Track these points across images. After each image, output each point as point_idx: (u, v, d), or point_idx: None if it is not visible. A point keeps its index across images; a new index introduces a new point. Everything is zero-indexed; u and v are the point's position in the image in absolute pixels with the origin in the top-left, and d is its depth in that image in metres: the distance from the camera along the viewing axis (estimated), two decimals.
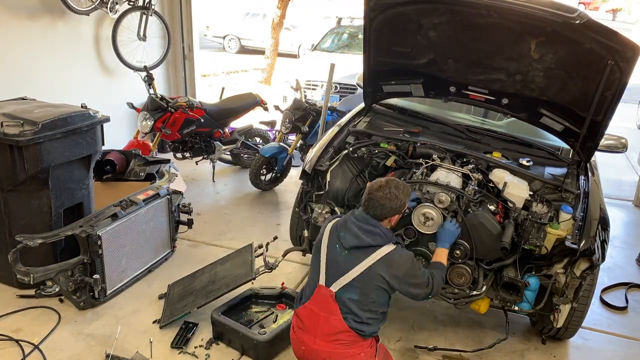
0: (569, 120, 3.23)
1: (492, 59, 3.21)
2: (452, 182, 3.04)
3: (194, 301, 3.27)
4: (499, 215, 3.04)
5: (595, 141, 3.17)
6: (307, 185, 3.42)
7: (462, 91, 3.51)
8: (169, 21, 6.23)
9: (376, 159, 3.43)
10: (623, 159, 7.35)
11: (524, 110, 3.42)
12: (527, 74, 3.16)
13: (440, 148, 3.37)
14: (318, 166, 3.32)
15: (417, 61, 3.48)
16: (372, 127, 3.74)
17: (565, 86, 3.11)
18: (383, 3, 3.20)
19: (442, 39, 3.27)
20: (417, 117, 3.93)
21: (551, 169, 3.36)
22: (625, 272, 4.26)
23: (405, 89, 3.71)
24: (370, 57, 3.57)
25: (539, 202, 3.03)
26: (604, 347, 3.34)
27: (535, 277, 2.95)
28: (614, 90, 2.87)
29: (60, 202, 3.48)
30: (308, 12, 17.57)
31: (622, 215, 5.54)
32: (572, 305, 2.96)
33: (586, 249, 2.79)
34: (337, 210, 3.24)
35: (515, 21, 2.91)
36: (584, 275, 2.87)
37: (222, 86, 6.29)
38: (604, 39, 2.72)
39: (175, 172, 4.35)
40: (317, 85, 7.79)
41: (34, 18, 4.78)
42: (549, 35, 2.89)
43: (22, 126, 3.16)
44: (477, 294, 3.02)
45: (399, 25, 3.31)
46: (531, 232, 2.89)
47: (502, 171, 3.18)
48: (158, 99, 5.09)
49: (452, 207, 2.98)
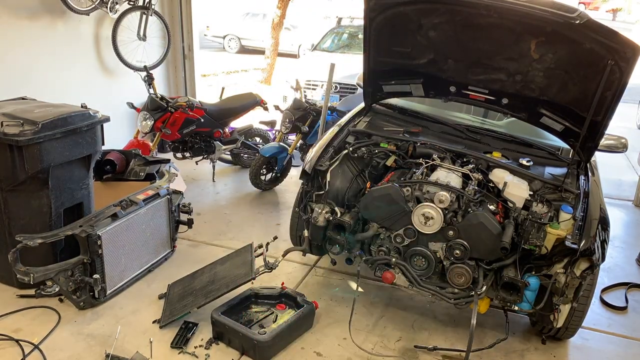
0: (569, 120, 3.23)
1: (492, 59, 3.21)
2: (452, 182, 3.04)
3: (194, 301, 3.27)
4: (499, 215, 3.04)
5: (595, 141, 3.16)
6: (307, 185, 3.42)
7: (462, 91, 3.51)
8: (169, 21, 6.23)
9: (376, 159, 3.44)
10: (623, 158, 7.36)
11: (524, 110, 3.42)
12: (527, 74, 3.16)
13: (440, 148, 3.37)
14: (318, 166, 3.32)
15: (417, 61, 3.48)
16: (372, 127, 3.74)
17: (565, 86, 3.11)
18: (383, 3, 3.20)
19: (442, 39, 3.28)
20: (417, 117, 3.93)
21: (551, 169, 3.36)
22: (625, 272, 4.26)
23: (405, 88, 3.71)
24: (370, 57, 3.57)
25: (539, 202, 3.03)
26: (604, 347, 3.34)
27: (535, 277, 2.95)
28: (614, 90, 2.87)
29: (60, 202, 3.48)
30: (308, 12, 17.58)
31: (622, 215, 5.54)
32: (572, 305, 2.96)
33: (586, 249, 2.78)
34: (337, 210, 3.24)
35: (515, 21, 2.91)
36: (584, 275, 2.87)
37: (222, 86, 6.29)
38: (604, 39, 2.72)
39: (175, 172, 4.35)
40: (317, 85, 7.79)
41: (34, 18, 4.78)
42: (549, 35, 2.89)
43: (22, 126, 3.16)
44: (478, 294, 3.02)
45: (399, 25, 3.31)
46: (531, 232, 2.89)
47: (502, 171, 3.18)
48: (158, 99, 5.09)
49: (452, 206, 2.98)
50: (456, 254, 2.97)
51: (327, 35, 9.43)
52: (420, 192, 3.05)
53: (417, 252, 3.08)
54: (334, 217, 3.21)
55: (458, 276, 3.00)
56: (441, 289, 3.09)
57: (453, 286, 3.03)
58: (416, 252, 3.08)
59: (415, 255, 3.10)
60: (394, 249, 3.14)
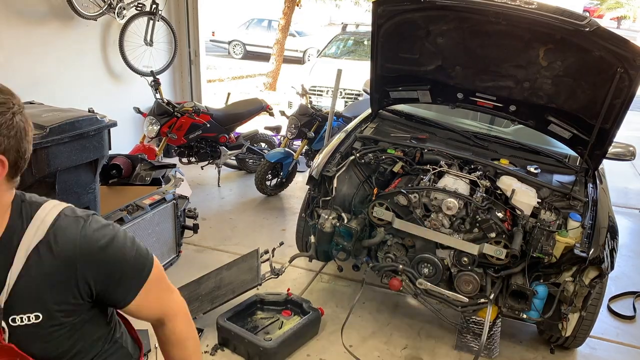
0: (577, 127, 3.22)
1: (500, 66, 3.20)
2: (460, 188, 3.02)
3: (200, 307, 3.26)
4: (507, 222, 3.02)
5: (603, 149, 3.15)
6: (313, 191, 3.41)
7: (469, 98, 3.51)
8: (175, 26, 6.26)
9: (383, 165, 3.42)
10: (630, 167, 7.32)
11: (531, 117, 3.41)
12: (535, 81, 3.15)
13: (448, 154, 3.36)
14: (325, 171, 3.31)
15: (425, 68, 3.48)
16: (379, 133, 3.73)
17: (573, 94, 3.09)
18: (391, 9, 3.19)
19: (450, 45, 3.27)
20: (424, 123, 3.93)
21: (559, 176, 3.35)
22: (633, 281, 4.23)
23: (413, 95, 3.70)
24: (378, 64, 3.57)
25: (547, 210, 3.01)
26: (612, 356, 3.31)
27: (544, 285, 2.92)
28: (623, 98, 2.86)
29: None
30: (313, 18, 17.64)
31: (629, 224, 5.51)
32: (581, 314, 2.93)
33: (595, 257, 2.76)
34: (344, 216, 3.23)
35: (524, 28, 2.90)
36: (593, 284, 2.84)
37: (228, 91, 6.30)
38: (613, 47, 2.71)
39: (181, 176, 4.35)
40: (322, 91, 7.80)
41: (42, 23, 4.81)
42: (558, 42, 2.88)
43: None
44: (485, 302, 3.00)
45: (406, 31, 3.31)
46: (540, 240, 2.86)
47: (509, 178, 3.16)
48: (164, 104, 5.10)
49: (460, 213, 2.96)
50: (464, 261, 2.95)
51: (332, 42, 9.45)
52: (427, 199, 3.03)
53: (424, 259, 3.06)
54: (340, 223, 3.19)
55: (466, 284, 2.98)
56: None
57: (461, 294, 3.01)
58: (423, 259, 3.06)
59: (422, 262, 3.08)
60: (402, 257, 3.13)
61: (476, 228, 2.98)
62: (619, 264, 4.46)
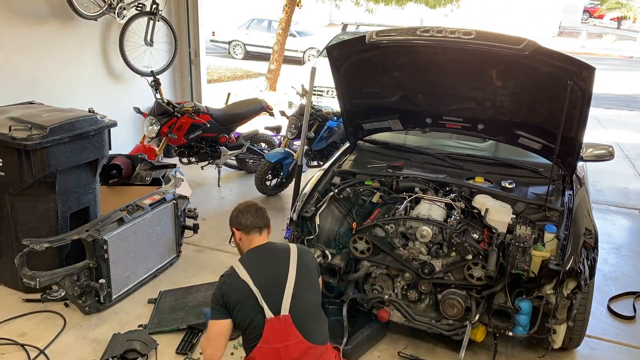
0: (545, 138, 3.30)
1: (459, 89, 3.30)
2: (434, 214, 3.04)
3: (184, 318, 3.28)
4: (484, 242, 3.00)
5: (574, 155, 3.20)
6: (296, 232, 3.37)
7: (437, 122, 3.61)
8: (175, 26, 6.26)
9: (362, 197, 3.42)
10: (630, 167, 7.32)
11: (500, 133, 3.49)
12: (495, 100, 3.26)
13: (423, 179, 3.38)
14: (304, 213, 3.29)
15: (390, 99, 3.59)
16: (358, 164, 3.79)
17: (533, 108, 3.19)
18: (345, 51, 3.37)
19: (407, 77, 3.40)
20: (400, 149, 3.99)
21: (535, 187, 3.36)
22: (633, 281, 4.22)
23: (384, 124, 3.82)
24: (345, 100, 3.69)
25: (523, 224, 3.00)
26: (612, 356, 3.30)
27: (527, 301, 2.88)
28: (580, 107, 2.93)
29: (67, 207, 3.48)
30: (314, 19, 17.64)
31: (628, 224, 5.50)
32: (568, 324, 2.91)
33: (571, 270, 2.73)
34: (328, 253, 3.21)
35: (471, 55, 2.97)
36: (572, 295, 2.78)
37: (228, 91, 6.31)
38: (558, 62, 2.80)
39: (181, 177, 4.35)
40: (322, 91, 7.80)
41: (42, 23, 4.81)
42: (506, 64, 2.98)
43: (30, 130, 3.17)
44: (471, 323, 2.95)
45: (365, 69, 3.44)
46: (516, 257, 2.83)
47: (484, 197, 3.19)
48: (164, 104, 5.11)
49: (437, 239, 2.97)
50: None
51: (332, 42, 9.45)
52: (404, 228, 3.05)
53: None
54: (324, 261, 3.19)
55: (450, 307, 2.96)
56: (436, 321, 3.07)
57: (447, 317, 3.00)
58: None
59: (408, 289, 3.11)
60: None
61: (453, 252, 2.99)
62: (619, 264, 4.46)
